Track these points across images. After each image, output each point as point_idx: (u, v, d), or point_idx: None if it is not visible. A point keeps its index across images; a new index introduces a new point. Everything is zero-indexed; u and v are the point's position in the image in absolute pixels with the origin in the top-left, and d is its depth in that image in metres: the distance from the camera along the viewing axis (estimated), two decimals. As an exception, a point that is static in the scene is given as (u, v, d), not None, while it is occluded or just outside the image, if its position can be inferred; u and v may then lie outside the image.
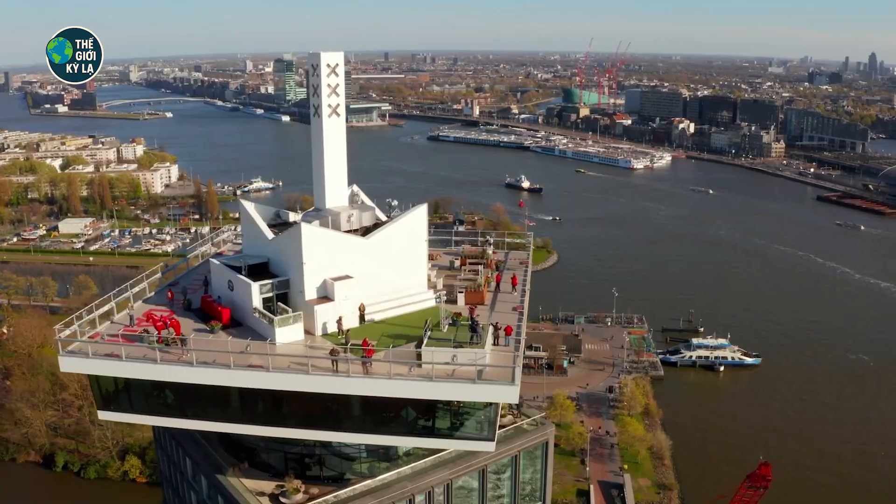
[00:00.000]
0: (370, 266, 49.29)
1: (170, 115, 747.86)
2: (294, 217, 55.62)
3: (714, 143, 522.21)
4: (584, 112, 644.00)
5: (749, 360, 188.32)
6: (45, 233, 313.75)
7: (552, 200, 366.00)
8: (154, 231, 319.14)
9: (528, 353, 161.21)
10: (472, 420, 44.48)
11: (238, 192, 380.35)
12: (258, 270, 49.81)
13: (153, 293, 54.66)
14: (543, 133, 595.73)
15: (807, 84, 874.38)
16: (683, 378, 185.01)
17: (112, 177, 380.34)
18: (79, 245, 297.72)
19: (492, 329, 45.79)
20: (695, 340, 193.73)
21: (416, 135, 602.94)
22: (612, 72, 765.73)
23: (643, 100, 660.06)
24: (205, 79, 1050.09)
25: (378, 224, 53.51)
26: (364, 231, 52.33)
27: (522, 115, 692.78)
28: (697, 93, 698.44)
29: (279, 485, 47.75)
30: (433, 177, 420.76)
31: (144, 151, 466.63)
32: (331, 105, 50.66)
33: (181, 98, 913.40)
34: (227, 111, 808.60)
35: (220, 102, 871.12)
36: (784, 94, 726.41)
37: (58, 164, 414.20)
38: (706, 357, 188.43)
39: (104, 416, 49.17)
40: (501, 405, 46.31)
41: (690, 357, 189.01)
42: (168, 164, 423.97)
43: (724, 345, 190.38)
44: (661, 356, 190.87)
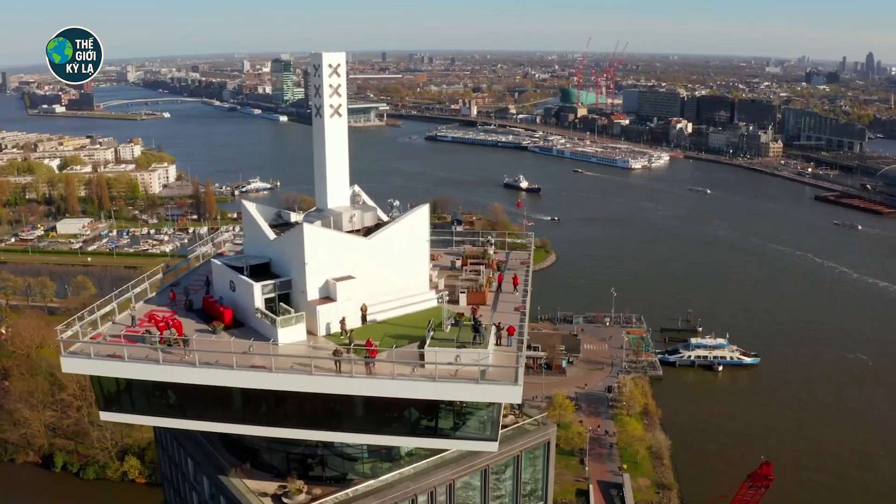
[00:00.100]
0: (372, 266, 49.31)
1: (167, 116, 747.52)
2: (296, 217, 55.62)
3: (712, 143, 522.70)
4: (582, 112, 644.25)
5: (747, 360, 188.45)
6: (43, 233, 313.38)
7: (550, 200, 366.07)
8: (152, 231, 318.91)
9: (527, 353, 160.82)
10: (475, 420, 44.47)
11: (236, 193, 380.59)
12: (260, 271, 49.86)
13: (154, 294, 54.62)
14: (541, 133, 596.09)
15: (804, 84, 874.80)
16: (682, 378, 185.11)
17: (110, 177, 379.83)
18: (77, 245, 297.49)
19: (494, 329, 45.80)
20: (693, 340, 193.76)
21: (414, 135, 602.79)
22: (610, 72, 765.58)
23: (641, 100, 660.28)
24: (202, 79, 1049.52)
25: (380, 224, 53.52)
26: (366, 231, 52.34)
27: (520, 115, 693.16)
28: (695, 93, 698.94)
29: (281, 485, 47.76)
30: (431, 177, 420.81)
31: (142, 152, 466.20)
32: (332, 105, 50.66)
33: (179, 98, 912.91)
34: (225, 111, 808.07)
35: (218, 102, 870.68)
36: (781, 94, 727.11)
37: (55, 165, 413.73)
38: (705, 357, 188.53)
39: (106, 417, 49.00)
40: (503, 405, 46.37)
41: (689, 357, 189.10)
42: (166, 165, 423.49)
43: (723, 344, 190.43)
44: (660, 356, 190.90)
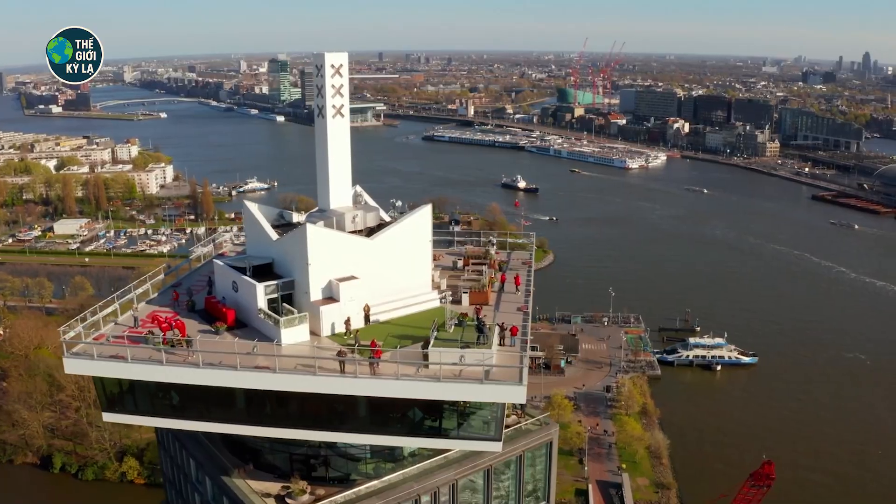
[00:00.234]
0: (375, 267, 49.28)
1: (164, 116, 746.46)
2: (298, 218, 55.57)
3: (709, 143, 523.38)
4: (579, 112, 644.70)
5: (746, 360, 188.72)
6: (41, 234, 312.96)
7: (548, 200, 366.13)
8: (149, 232, 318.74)
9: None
10: (479, 420, 44.52)
11: (233, 193, 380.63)
12: (262, 271, 49.79)
13: (156, 294, 54.54)
14: (538, 133, 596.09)
15: (801, 83, 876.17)
16: (680, 377, 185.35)
17: (107, 177, 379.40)
18: (74, 246, 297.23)
19: (498, 329, 45.80)
20: (692, 340, 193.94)
21: (412, 135, 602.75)
22: (607, 71, 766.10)
23: (638, 99, 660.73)
24: (199, 79, 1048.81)
25: (382, 225, 53.48)
26: (368, 232, 52.33)
27: (517, 115, 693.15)
28: (692, 92, 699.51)
29: (285, 486, 47.71)
30: (429, 177, 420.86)
31: (139, 152, 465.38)
32: (335, 106, 50.62)
33: (175, 98, 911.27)
34: (222, 111, 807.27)
35: (215, 103, 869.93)
36: (778, 94, 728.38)
37: (52, 165, 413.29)
38: (703, 356, 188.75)
39: (109, 418, 49.00)
40: (506, 405, 46.37)
41: (687, 356, 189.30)
42: (163, 165, 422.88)
43: (721, 344, 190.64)
44: (658, 356, 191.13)
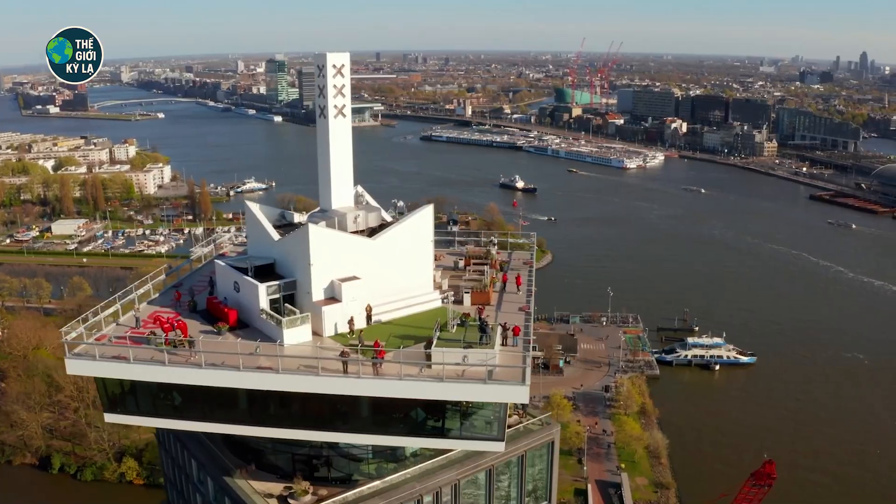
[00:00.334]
0: (377, 267, 49.24)
1: (161, 116, 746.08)
2: (299, 218, 55.51)
3: (706, 143, 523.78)
4: (577, 112, 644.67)
5: (744, 359, 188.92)
6: (39, 234, 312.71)
7: (546, 200, 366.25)
8: (147, 232, 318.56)
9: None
10: (482, 420, 44.54)
11: (231, 193, 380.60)
12: (264, 271, 49.72)
13: (158, 295, 54.47)
14: (536, 133, 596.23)
15: (798, 83, 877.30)
16: (679, 377, 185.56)
17: (105, 178, 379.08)
18: (72, 246, 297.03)
19: (500, 329, 45.82)
20: (690, 339, 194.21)
21: (409, 135, 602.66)
22: (604, 71, 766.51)
23: (635, 99, 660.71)
24: (196, 79, 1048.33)
25: (384, 225, 53.44)
26: (370, 232, 52.32)
27: (515, 115, 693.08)
28: (689, 92, 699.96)
29: (287, 486, 47.67)
30: (427, 177, 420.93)
31: (137, 152, 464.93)
32: (336, 106, 50.55)
33: (173, 98, 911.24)
34: (219, 112, 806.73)
35: (212, 103, 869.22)
36: (776, 94, 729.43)
37: (50, 166, 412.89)
38: (701, 356, 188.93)
39: (111, 419, 48.96)
40: (508, 405, 46.40)
41: (686, 356, 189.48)
42: (161, 165, 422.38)
43: (720, 344, 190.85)
44: (657, 355, 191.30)
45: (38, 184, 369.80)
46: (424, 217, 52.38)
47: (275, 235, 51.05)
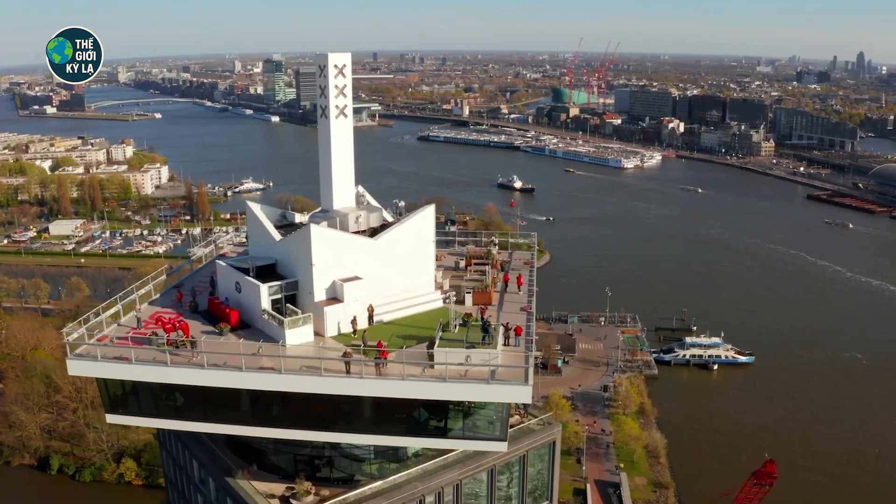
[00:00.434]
0: (378, 267, 49.28)
1: (159, 116, 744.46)
2: (300, 218, 55.53)
3: (704, 143, 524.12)
4: (574, 112, 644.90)
5: (742, 359, 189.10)
6: (36, 234, 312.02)
7: (544, 200, 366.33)
8: (145, 232, 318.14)
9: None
10: (484, 420, 44.58)
11: (229, 193, 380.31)
12: (266, 272, 49.73)
13: (159, 295, 54.43)
14: (533, 133, 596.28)
15: (795, 83, 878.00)
16: (677, 377, 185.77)
17: (102, 178, 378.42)
18: (70, 247, 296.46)
19: (502, 329, 45.84)
20: (688, 339, 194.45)
21: (407, 135, 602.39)
22: (601, 71, 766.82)
23: (633, 99, 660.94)
24: (193, 79, 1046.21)
25: (385, 225, 53.48)
26: (371, 232, 52.32)
27: (512, 115, 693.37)
28: (686, 92, 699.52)
29: (289, 487, 47.68)
30: (424, 177, 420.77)
31: (134, 152, 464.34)
32: (338, 106, 50.61)
33: (170, 99, 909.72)
34: (217, 112, 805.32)
35: (210, 103, 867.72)
36: (773, 94, 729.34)
37: (47, 166, 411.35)
38: (700, 356, 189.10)
39: (112, 420, 48.95)
40: (510, 405, 46.43)
41: (684, 356, 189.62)
42: (158, 165, 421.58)
43: (718, 343, 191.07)
44: (655, 355, 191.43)
45: (36, 184, 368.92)
46: (426, 217, 52.41)
47: (276, 236, 51.07)
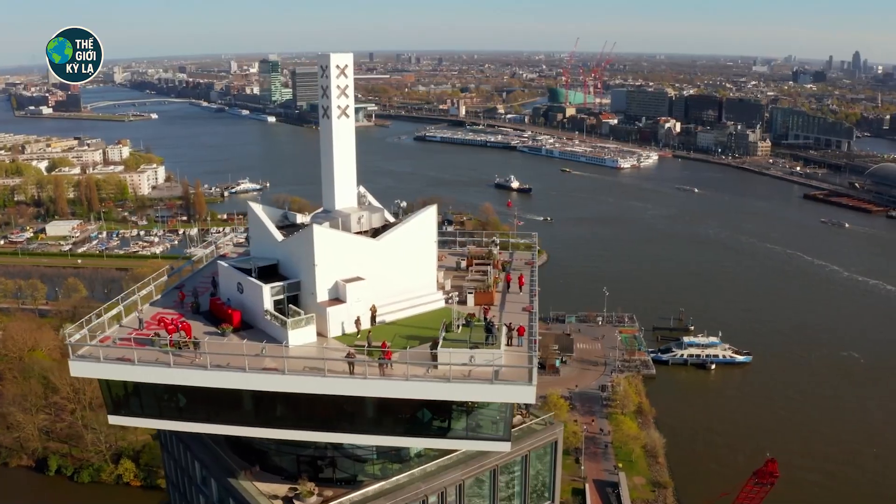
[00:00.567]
0: (381, 267, 49.30)
1: (155, 117, 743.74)
2: (302, 219, 55.47)
3: (700, 142, 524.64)
4: (571, 112, 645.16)
5: (740, 359, 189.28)
6: (33, 235, 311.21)
7: (541, 200, 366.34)
8: (142, 233, 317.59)
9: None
10: (488, 420, 44.61)
11: (226, 194, 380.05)
12: (268, 272, 49.71)
13: (160, 296, 54.35)
14: (530, 133, 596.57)
15: (791, 83, 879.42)
16: (675, 376, 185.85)
17: (99, 179, 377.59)
18: (67, 247, 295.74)
19: (505, 329, 45.87)
20: (686, 339, 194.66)
21: (403, 135, 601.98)
22: (598, 71, 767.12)
23: (629, 99, 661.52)
24: (189, 80, 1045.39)
25: (387, 225, 53.45)
26: (373, 232, 52.31)
27: (508, 115, 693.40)
28: (683, 92, 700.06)
29: (292, 487, 47.66)
30: (421, 177, 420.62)
31: (130, 153, 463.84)
32: (340, 107, 50.73)
33: (166, 99, 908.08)
34: (213, 112, 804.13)
35: (206, 103, 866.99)
36: (769, 93, 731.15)
37: (44, 166, 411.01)
38: (697, 355, 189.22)
39: (115, 421, 48.82)
40: (513, 405, 46.43)
41: (682, 355, 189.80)
42: (154, 166, 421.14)
43: (715, 343, 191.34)
44: (653, 355, 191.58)
45: (32, 185, 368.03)
46: (428, 217, 52.46)
47: (278, 236, 51.05)
